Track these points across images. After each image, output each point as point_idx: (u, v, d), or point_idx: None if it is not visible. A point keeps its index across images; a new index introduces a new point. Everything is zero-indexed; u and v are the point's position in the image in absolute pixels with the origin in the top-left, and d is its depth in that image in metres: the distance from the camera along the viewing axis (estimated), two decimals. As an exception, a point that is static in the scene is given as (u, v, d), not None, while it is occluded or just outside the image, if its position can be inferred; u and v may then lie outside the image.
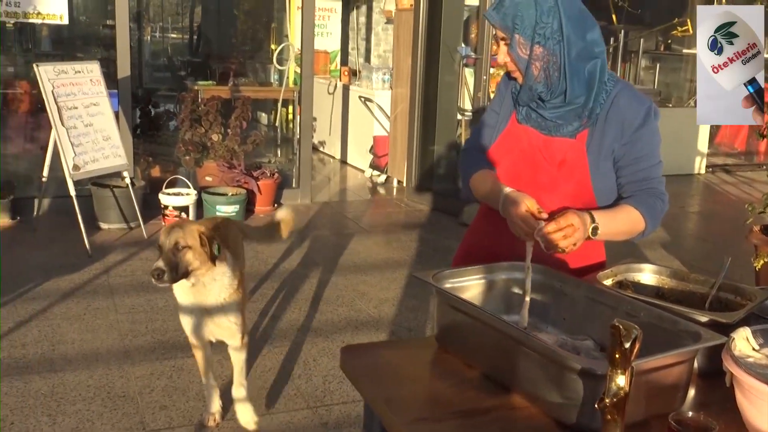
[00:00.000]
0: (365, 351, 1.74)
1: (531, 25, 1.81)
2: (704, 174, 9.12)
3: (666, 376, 1.37)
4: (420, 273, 1.66)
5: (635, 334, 1.11)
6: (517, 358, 1.42)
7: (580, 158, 1.91)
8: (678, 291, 1.81)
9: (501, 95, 2.08)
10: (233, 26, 11.48)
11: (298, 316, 4.20)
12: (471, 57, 6.54)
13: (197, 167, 6.38)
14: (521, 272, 1.79)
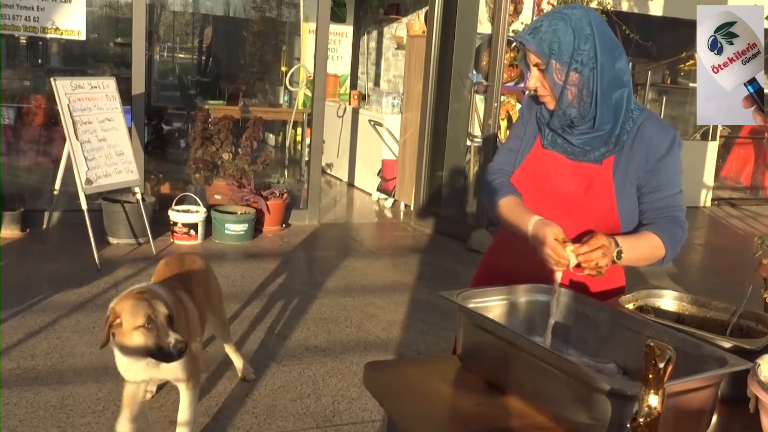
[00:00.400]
0: (389, 368, 1.75)
1: (568, 52, 1.84)
2: (710, 207, 9.15)
3: (692, 401, 1.38)
4: (445, 292, 1.68)
5: (669, 354, 1.12)
6: (544, 378, 1.44)
7: (606, 184, 1.94)
8: (699, 318, 1.83)
9: (524, 120, 2.11)
10: (244, 47, 11.57)
11: (307, 335, 4.20)
12: (482, 84, 6.61)
13: (207, 185, 6.42)
14: (544, 294, 1.81)
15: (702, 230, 8.17)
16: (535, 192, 2.01)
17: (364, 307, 4.74)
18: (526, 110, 2.12)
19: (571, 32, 1.84)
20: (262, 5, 11.19)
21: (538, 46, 1.85)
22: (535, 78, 1.90)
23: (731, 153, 10.19)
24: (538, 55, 1.86)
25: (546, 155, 2.01)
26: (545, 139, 2.01)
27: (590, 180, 1.95)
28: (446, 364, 1.74)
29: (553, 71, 1.87)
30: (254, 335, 4.13)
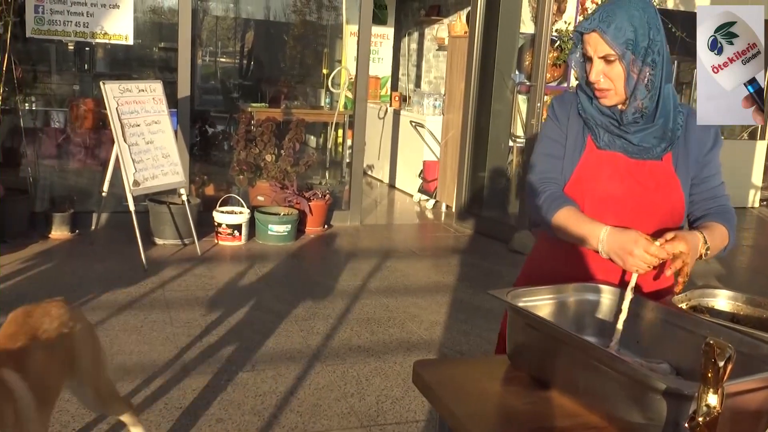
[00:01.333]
0: (437, 366, 1.75)
1: (645, 43, 1.80)
2: (758, 207, 8.95)
3: (751, 401, 1.35)
4: (495, 291, 1.67)
5: (729, 353, 1.10)
6: (598, 377, 1.42)
7: (671, 179, 1.92)
8: (754, 317, 1.79)
9: (559, 121, 2.01)
10: (285, 51, 11.68)
11: (350, 335, 4.22)
12: (525, 84, 6.56)
13: (250, 186, 6.49)
14: (592, 293, 1.80)
15: (750, 231, 7.99)
16: (602, 196, 1.92)
17: (406, 307, 4.74)
18: (560, 109, 2.01)
19: (645, 22, 1.80)
20: (303, 9, 11.28)
21: (614, 37, 1.78)
22: (598, 71, 1.83)
23: (781, 152, 9.94)
24: (614, 45, 1.78)
25: (604, 156, 1.93)
26: (601, 140, 1.92)
27: (656, 177, 1.92)
28: (494, 363, 1.73)
29: (628, 64, 1.80)
30: (298, 335, 4.16)
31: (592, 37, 1.81)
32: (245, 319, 4.34)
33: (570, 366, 1.50)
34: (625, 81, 1.82)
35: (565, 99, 2.03)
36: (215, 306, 4.54)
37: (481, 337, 4.27)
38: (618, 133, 1.90)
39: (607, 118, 1.91)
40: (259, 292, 4.84)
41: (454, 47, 7.59)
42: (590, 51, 1.83)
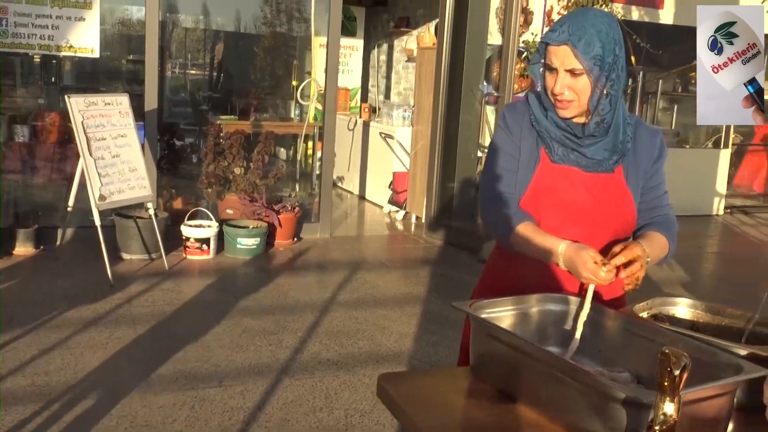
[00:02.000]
0: (402, 379, 1.74)
1: (610, 60, 1.81)
2: (722, 215, 9.10)
3: (708, 409, 1.37)
4: (458, 302, 1.68)
5: (685, 361, 1.12)
6: (559, 387, 1.43)
7: (624, 191, 1.94)
8: (713, 325, 1.82)
9: (510, 133, 1.98)
10: (255, 63, 11.65)
11: (319, 348, 4.20)
12: (492, 95, 6.61)
13: (219, 200, 6.44)
14: (555, 303, 1.81)
15: (715, 238, 8.12)
16: (558, 210, 1.93)
17: (376, 319, 4.73)
18: (512, 120, 1.98)
19: (612, 38, 1.81)
20: (272, 21, 11.27)
21: (583, 51, 1.78)
22: (564, 84, 1.82)
23: (743, 161, 10.13)
24: (583, 60, 1.78)
25: (558, 170, 1.93)
26: (555, 154, 1.92)
27: (609, 190, 1.93)
28: (459, 374, 1.73)
29: (595, 79, 1.81)
30: (267, 349, 4.13)
31: (560, 50, 1.80)
32: (213, 334, 4.30)
33: (532, 377, 1.50)
34: (590, 95, 1.84)
35: (517, 109, 2.01)
36: (182, 321, 4.49)
37: (450, 348, 4.27)
38: (572, 146, 1.91)
39: (561, 131, 1.91)
40: (228, 306, 4.80)
41: (423, 59, 7.64)
42: (556, 63, 1.82)
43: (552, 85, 1.84)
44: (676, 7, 8.22)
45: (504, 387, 1.59)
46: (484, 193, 2.02)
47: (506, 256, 2.04)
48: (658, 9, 8.16)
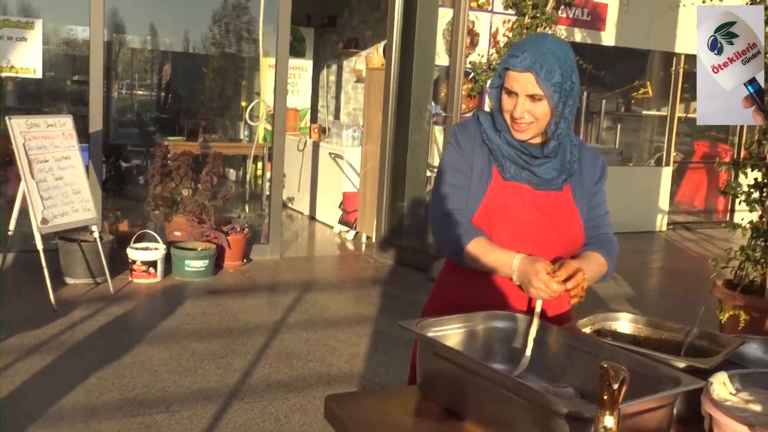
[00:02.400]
0: (350, 400, 1.73)
1: (567, 86, 1.88)
2: (666, 231, 9.32)
3: (649, 421, 1.39)
4: (404, 321, 1.68)
5: (623, 375, 1.14)
6: (504, 404, 1.44)
7: (572, 209, 2.00)
8: (654, 339, 1.86)
9: (462, 150, 2.01)
10: (203, 83, 11.58)
11: (269, 371, 4.15)
12: (440, 115, 6.69)
13: (166, 222, 6.35)
14: (501, 321, 1.83)
15: (659, 254, 8.31)
16: (503, 225, 1.97)
17: (326, 340, 4.70)
18: (463, 138, 2.02)
19: (569, 66, 1.88)
20: (221, 41, 11.22)
21: (545, 79, 1.84)
22: (524, 108, 1.88)
23: (685, 178, 10.41)
24: (545, 87, 1.85)
25: (509, 187, 1.97)
26: (507, 172, 1.97)
27: (558, 207, 1.99)
28: (406, 394, 1.73)
29: (555, 104, 1.87)
30: (215, 373, 4.07)
31: (523, 76, 1.85)
32: (160, 359, 4.22)
33: (478, 395, 1.51)
34: (548, 119, 1.90)
35: (468, 127, 2.04)
36: (128, 346, 4.40)
37: (401, 367, 4.27)
38: (524, 165, 1.96)
39: (514, 150, 1.95)
40: (175, 330, 4.73)
41: (372, 79, 7.69)
42: (517, 88, 1.87)
43: (511, 108, 1.90)
44: (617, 29, 8.44)
45: (451, 405, 1.60)
46: (436, 211, 2.04)
47: (455, 274, 2.06)
48: (600, 31, 8.37)
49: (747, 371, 1.53)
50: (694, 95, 8.08)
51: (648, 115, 10.32)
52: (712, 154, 10.11)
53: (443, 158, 2.07)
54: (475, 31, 6.78)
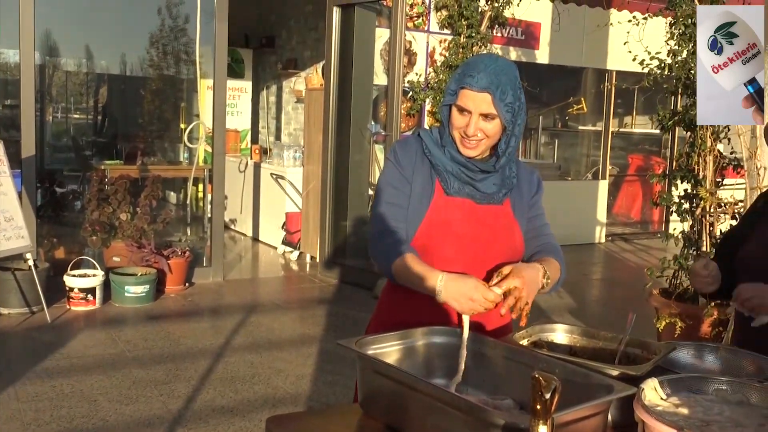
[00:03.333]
0: (292, 421, 1.73)
1: (517, 105, 1.93)
2: (604, 243, 9.54)
3: (583, 429, 1.42)
4: (343, 340, 1.69)
5: (554, 384, 1.16)
6: (444, 418, 1.46)
7: (512, 222, 2.05)
8: (589, 348, 1.90)
9: (401, 168, 2.04)
10: (141, 106, 11.41)
11: (213, 396, 4.09)
12: (381, 134, 6.73)
13: (105, 247, 6.22)
14: (440, 336, 1.84)
15: (598, 265, 8.49)
16: (446, 239, 1.99)
17: (271, 362, 4.66)
18: (403, 155, 2.05)
19: (517, 86, 1.94)
20: (159, 63, 11.10)
21: (500, 99, 1.89)
22: (477, 126, 1.92)
23: (621, 190, 10.70)
24: (499, 107, 1.89)
25: (451, 202, 2.00)
26: (451, 188, 2.00)
27: (499, 221, 2.03)
28: (349, 412, 1.73)
29: (508, 123, 1.92)
30: (158, 400, 3.99)
31: (479, 96, 1.89)
32: (100, 388, 4.12)
33: (418, 410, 1.53)
34: (500, 137, 1.96)
35: (409, 143, 2.07)
36: (67, 376, 4.28)
37: (347, 386, 4.26)
38: (467, 180, 2.00)
39: (458, 166, 1.99)
40: (116, 357, 4.62)
41: (311, 99, 7.70)
42: (471, 106, 1.91)
43: (463, 125, 1.94)
44: (550, 47, 8.65)
45: (392, 422, 1.60)
46: (372, 228, 2.07)
47: (397, 291, 2.07)
48: (534, 50, 8.57)
49: (677, 376, 1.57)
50: (627, 110, 8.37)
51: (584, 130, 10.59)
52: (646, 167, 10.42)
53: (381, 176, 2.10)
54: (413, 51, 6.86)
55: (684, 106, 4.90)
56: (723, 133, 4.79)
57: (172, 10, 10.78)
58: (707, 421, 1.42)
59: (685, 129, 4.91)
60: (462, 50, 6.58)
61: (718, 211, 4.76)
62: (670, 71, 4.88)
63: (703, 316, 4.52)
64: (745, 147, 4.44)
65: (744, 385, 1.54)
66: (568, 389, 1.47)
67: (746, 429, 1.39)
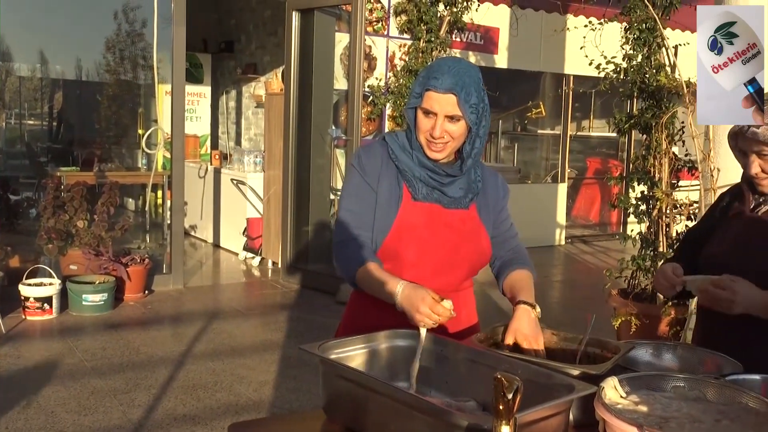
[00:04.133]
0: (254, 428, 1.71)
1: (481, 107, 1.94)
2: (564, 245, 9.66)
3: (546, 428, 1.44)
4: (306, 345, 1.68)
5: (517, 385, 1.17)
6: (407, 421, 1.46)
7: (479, 226, 2.07)
8: (551, 349, 1.92)
9: (366, 175, 2.03)
10: (99, 111, 11.23)
11: (175, 404, 4.04)
12: (341, 138, 6.73)
13: (61, 255, 6.10)
14: (403, 339, 1.85)
15: (559, 267, 8.59)
16: (414, 244, 1.99)
17: (234, 369, 4.62)
18: (368, 162, 2.03)
19: (480, 87, 1.95)
20: (116, 68, 10.95)
21: (465, 100, 1.90)
22: (443, 128, 1.92)
23: (579, 193, 10.84)
24: (464, 108, 1.90)
25: (420, 207, 2.00)
26: (419, 193, 2.00)
27: (466, 225, 2.04)
28: (311, 417, 1.72)
29: (473, 124, 1.93)
30: (118, 410, 3.92)
31: (444, 98, 1.90)
32: (58, 399, 4.04)
33: (381, 413, 1.53)
34: (465, 139, 1.97)
35: (374, 149, 2.06)
36: (23, 388, 4.18)
37: (311, 392, 4.24)
38: (435, 185, 2.00)
39: (426, 170, 2.00)
40: (74, 367, 4.53)
41: (271, 104, 7.66)
42: (436, 108, 1.92)
43: (429, 128, 1.94)
44: (508, 52, 8.74)
45: (355, 425, 1.60)
46: (335, 236, 2.07)
47: (365, 297, 2.06)
48: (493, 54, 8.65)
49: (636, 375, 1.60)
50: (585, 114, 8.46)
51: (543, 134, 10.72)
52: (604, 170, 10.59)
53: (345, 183, 2.11)
54: (373, 56, 6.88)
55: (639, 110, 4.99)
56: (678, 136, 4.89)
57: (129, 14, 10.65)
58: (666, 417, 1.44)
59: (641, 132, 4.99)
60: (422, 55, 6.61)
61: (674, 212, 4.86)
62: (626, 75, 4.97)
63: (661, 316, 4.60)
64: (699, 149, 4.53)
65: (701, 382, 1.57)
66: (530, 389, 1.48)
67: (703, 424, 1.42)
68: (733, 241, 2.06)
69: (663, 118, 4.72)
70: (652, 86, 4.78)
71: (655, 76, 4.78)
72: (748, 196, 2.08)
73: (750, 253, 2.00)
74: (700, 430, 1.40)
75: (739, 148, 2.03)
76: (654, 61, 4.89)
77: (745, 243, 2.03)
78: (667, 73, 4.81)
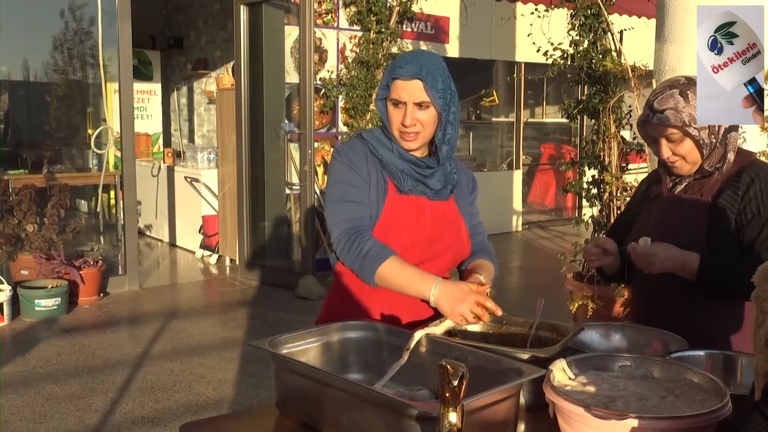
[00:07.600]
0: (206, 426, 1.70)
1: (449, 93, 1.96)
2: (521, 231, 9.76)
3: (496, 413, 1.45)
4: (256, 341, 1.67)
5: (462, 371, 1.18)
6: (359, 413, 1.46)
7: (459, 219, 2.09)
8: (501, 334, 1.94)
9: (355, 167, 2.00)
10: (45, 112, 10.98)
11: (133, 407, 3.98)
12: (295, 132, 6.69)
13: (11, 261, 5.96)
14: (355, 331, 1.85)
15: (516, 253, 8.68)
16: (400, 236, 1.97)
17: (193, 369, 4.57)
18: (353, 155, 2.01)
19: (447, 75, 1.96)
20: (63, 67, 10.70)
21: (431, 85, 1.91)
22: (413, 116, 1.93)
23: (535, 179, 10.96)
24: (432, 94, 1.91)
25: (406, 200, 1.99)
26: (404, 186, 1.99)
27: (448, 216, 2.05)
28: (264, 413, 1.72)
29: (442, 110, 1.94)
30: (74, 415, 3.86)
31: (410, 84, 1.91)
32: (11, 408, 3.95)
33: (332, 406, 1.52)
34: (438, 126, 1.97)
35: (354, 145, 2.05)
36: (-25, 397, 4.09)
37: (271, 388, 4.20)
38: (419, 178, 2.01)
39: (408, 164, 2.00)
40: (28, 374, 4.44)
41: (223, 100, 7.59)
42: (404, 96, 1.93)
43: (400, 118, 1.95)
44: (459, 41, 8.77)
45: (308, 420, 1.60)
46: (338, 229, 1.97)
47: (344, 291, 2.04)
48: (444, 43, 8.67)
49: (583, 356, 1.62)
50: (537, 101, 8.54)
51: (497, 121, 10.79)
52: (558, 156, 10.70)
53: (335, 177, 2.02)
54: (323, 48, 6.84)
55: (587, 95, 5.06)
56: (626, 120, 4.97)
57: (76, 12, 10.41)
58: (613, 397, 1.47)
59: (590, 117, 5.06)
60: (372, 46, 6.60)
61: (624, 195, 4.94)
62: (573, 61, 5.03)
63: (615, 297, 4.68)
64: (647, 132, 4.61)
65: (647, 360, 1.60)
66: (481, 375, 1.50)
67: (649, 401, 1.45)
68: (656, 221, 2.15)
69: (610, 102, 4.79)
70: (598, 71, 4.85)
71: (602, 62, 4.84)
72: (665, 179, 2.18)
73: (671, 229, 2.09)
74: (646, 407, 1.42)
75: (650, 135, 2.11)
76: (600, 47, 4.96)
77: (667, 221, 2.12)
78: (613, 57, 4.88)
